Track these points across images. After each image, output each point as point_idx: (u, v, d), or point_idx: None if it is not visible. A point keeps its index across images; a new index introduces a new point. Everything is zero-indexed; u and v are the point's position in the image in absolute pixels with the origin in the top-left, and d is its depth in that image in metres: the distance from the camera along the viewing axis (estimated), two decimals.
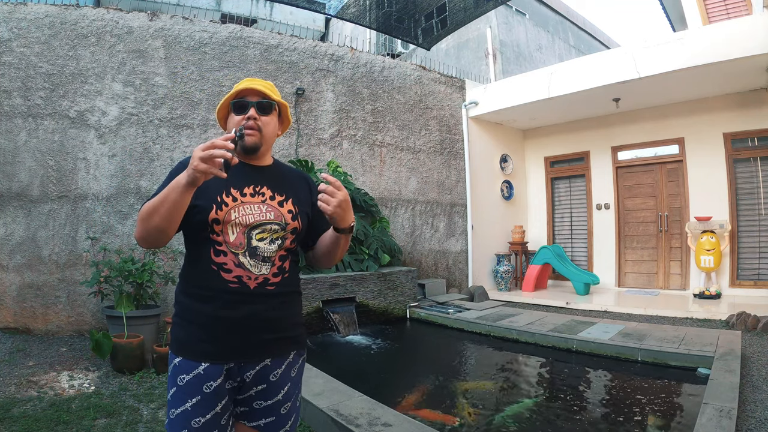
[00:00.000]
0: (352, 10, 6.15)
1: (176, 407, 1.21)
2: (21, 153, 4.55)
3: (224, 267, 1.23)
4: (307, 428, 2.57)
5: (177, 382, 1.22)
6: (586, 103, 6.74)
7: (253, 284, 1.25)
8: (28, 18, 4.65)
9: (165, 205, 1.11)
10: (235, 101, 1.34)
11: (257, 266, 1.26)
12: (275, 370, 1.31)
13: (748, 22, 4.94)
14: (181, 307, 1.29)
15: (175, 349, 1.26)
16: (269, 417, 1.32)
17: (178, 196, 1.10)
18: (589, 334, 4.20)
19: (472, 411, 2.88)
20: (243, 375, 1.26)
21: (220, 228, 1.23)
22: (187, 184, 1.08)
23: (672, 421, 2.66)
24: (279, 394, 1.32)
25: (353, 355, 4.35)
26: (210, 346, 1.23)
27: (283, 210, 1.32)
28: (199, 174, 1.05)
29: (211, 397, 1.21)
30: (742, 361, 3.27)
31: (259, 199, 1.30)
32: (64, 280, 4.56)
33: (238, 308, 1.23)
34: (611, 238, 7.36)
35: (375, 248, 5.64)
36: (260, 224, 1.27)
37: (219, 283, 1.22)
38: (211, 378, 1.21)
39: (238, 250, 1.24)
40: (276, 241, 1.29)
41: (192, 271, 1.28)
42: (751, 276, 6.09)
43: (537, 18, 11.88)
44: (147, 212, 1.14)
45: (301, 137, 5.94)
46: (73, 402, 2.89)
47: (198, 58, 5.27)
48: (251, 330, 1.26)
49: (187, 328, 1.25)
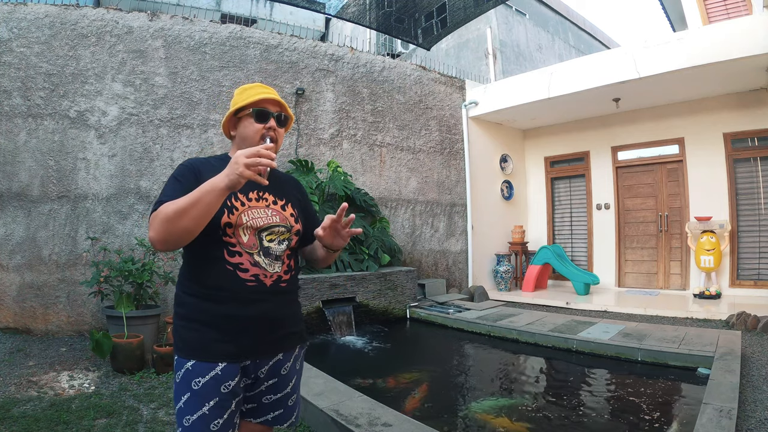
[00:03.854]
0: (352, 10, 6.15)
1: (192, 413, 1.19)
2: (21, 153, 4.55)
3: (241, 267, 1.25)
4: (307, 428, 2.57)
5: (192, 386, 1.20)
6: (586, 103, 6.74)
7: (269, 282, 1.29)
8: (28, 18, 4.64)
9: (198, 206, 1.11)
10: (257, 109, 1.34)
11: (271, 265, 1.30)
12: (285, 363, 1.37)
13: (748, 22, 4.94)
14: (189, 309, 1.27)
15: (186, 353, 1.23)
16: (277, 410, 1.37)
17: (214, 199, 1.11)
18: (589, 334, 4.20)
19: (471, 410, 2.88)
20: (257, 371, 1.30)
21: (232, 231, 1.26)
22: (226, 187, 1.10)
23: (672, 421, 2.66)
24: (288, 386, 1.38)
25: (353, 355, 4.35)
26: (227, 345, 1.23)
27: (286, 213, 1.39)
28: (243, 180, 1.09)
29: (228, 397, 1.22)
30: (742, 361, 3.27)
31: (263, 203, 1.34)
32: (64, 280, 4.56)
33: (255, 306, 1.26)
34: (611, 238, 7.36)
35: (375, 248, 5.64)
36: (269, 227, 1.32)
37: (236, 282, 1.24)
38: (229, 378, 1.22)
39: (252, 250, 1.28)
40: (284, 242, 1.35)
41: (202, 272, 1.27)
42: (751, 276, 6.09)
43: (537, 18, 11.89)
44: (174, 214, 1.11)
45: (301, 137, 5.94)
46: (73, 402, 2.89)
47: (198, 58, 5.27)
48: (267, 327, 1.30)
49: (199, 329, 1.24)
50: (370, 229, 5.83)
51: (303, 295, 4.78)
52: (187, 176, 1.26)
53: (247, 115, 1.35)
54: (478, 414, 2.85)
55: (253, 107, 1.34)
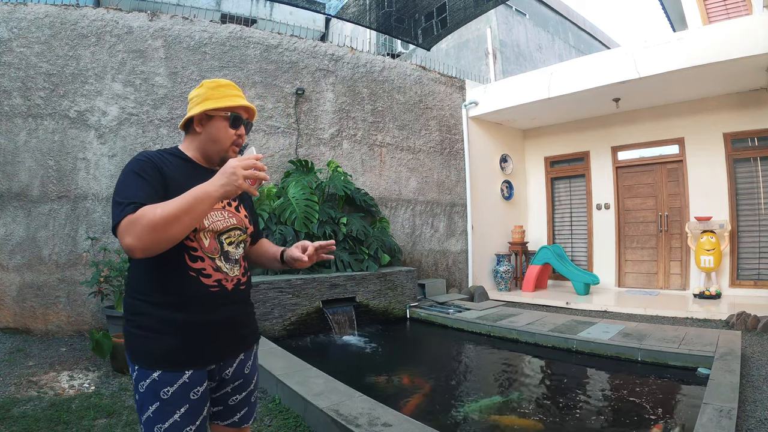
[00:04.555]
0: (352, 10, 6.15)
1: (163, 421, 1.17)
2: (21, 153, 4.55)
3: (203, 272, 1.23)
4: (307, 428, 2.57)
5: (160, 396, 1.17)
6: (586, 103, 6.74)
7: (231, 286, 1.29)
8: (28, 18, 4.64)
9: (190, 215, 1.07)
10: (235, 115, 1.31)
11: (231, 269, 1.30)
12: (247, 362, 1.39)
13: (748, 22, 4.94)
14: (150, 318, 1.20)
15: (150, 364, 1.18)
16: (243, 409, 1.38)
17: (207, 208, 1.09)
18: (589, 334, 4.20)
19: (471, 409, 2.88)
20: (222, 373, 1.31)
21: (194, 235, 1.23)
22: (220, 197, 1.08)
23: (672, 421, 2.66)
24: (251, 384, 1.41)
25: (352, 355, 4.35)
26: (193, 353, 1.21)
27: (241, 215, 1.38)
28: (240, 191, 1.08)
29: (199, 403, 1.22)
30: (742, 361, 3.27)
31: (219, 205, 1.30)
32: (64, 280, 4.56)
33: (219, 311, 1.26)
34: (611, 238, 7.36)
35: (375, 248, 5.64)
36: (227, 230, 1.31)
37: (199, 288, 1.22)
38: (197, 384, 1.21)
39: (214, 254, 1.26)
40: (240, 244, 1.36)
41: (163, 279, 1.21)
42: (751, 276, 6.09)
43: (537, 18, 11.89)
44: (164, 221, 1.04)
45: (301, 137, 5.94)
46: (73, 402, 2.89)
47: (198, 58, 5.27)
48: (230, 330, 1.30)
49: (162, 339, 1.19)
50: (370, 229, 5.83)
51: (303, 294, 4.78)
52: (149, 173, 1.16)
53: (221, 117, 1.29)
54: (478, 414, 2.85)
55: (231, 111, 1.29)
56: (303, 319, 4.77)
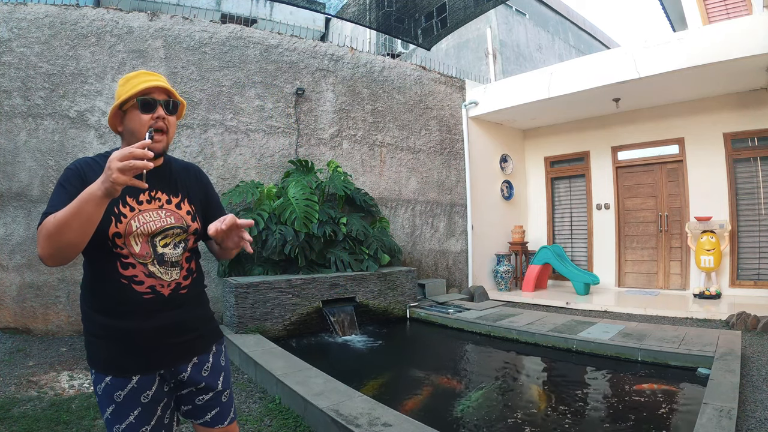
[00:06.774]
0: (352, 10, 6.15)
1: (120, 422, 1.20)
2: (21, 153, 4.55)
3: (135, 279, 1.20)
4: (307, 428, 2.57)
5: (114, 399, 1.19)
6: (586, 103, 6.74)
7: (167, 291, 1.24)
8: (28, 18, 4.64)
9: (79, 218, 1.01)
10: (142, 99, 1.23)
11: (168, 272, 1.25)
12: (205, 364, 1.35)
13: (748, 22, 4.94)
14: (95, 325, 1.22)
15: (101, 368, 1.21)
16: (214, 410, 1.36)
17: (93, 209, 1.02)
18: (589, 334, 4.20)
19: (471, 409, 2.88)
20: (177, 377, 1.30)
21: (122, 241, 1.19)
22: (103, 195, 1.00)
23: (672, 420, 2.66)
24: (217, 385, 1.37)
25: (352, 355, 4.35)
26: (136, 359, 1.21)
27: (182, 212, 1.31)
28: (118, 186, 0.98)
29: (151, 405, 1.23)
30: (742, 361, 3.27)
31: (156, 204, 1.26)
32: (64, 280, 4.56)
33: (156, 317, 1.22)
34: (611, 238, 7.36)
35: (375, 248, 5.64)
36: (162, 230, 1.25)
37: (132, 296, 1.19)
38: (146, 388, 1.22)
39: (146, 259, 1.22)
40: (180, 244, 1.29)
41: (99, 287, 1.21)
42: (751, 276, 6.09)
43: (537, 18, 11.89)
44: (56, 227, 1.02)
45: (301, 137, 5.94)
46: (73, 402, 2.89)
47: (198, 58, 5.27)
48: (172, 335, 1.26)
49: (107, 345, 1.21)
50: (370, 229, 5.83)
51: (303, 294, 4.78)
52: (72, 182, 1.15)
53: (132, 107, 1.24)
54: (478, 413, 2.85)
55: (137, 97, 1.23)
56: (303, 319, 4.77)
